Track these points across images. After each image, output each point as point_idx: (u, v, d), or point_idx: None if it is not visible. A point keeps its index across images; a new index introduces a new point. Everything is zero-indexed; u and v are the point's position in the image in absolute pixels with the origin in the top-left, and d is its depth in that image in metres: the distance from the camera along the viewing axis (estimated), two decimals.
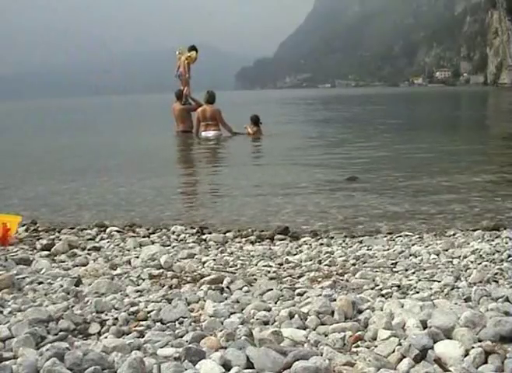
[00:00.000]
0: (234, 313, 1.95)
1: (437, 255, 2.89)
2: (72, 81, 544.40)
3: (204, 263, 2.82)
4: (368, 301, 2.04)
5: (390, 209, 4.50)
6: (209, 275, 2.45)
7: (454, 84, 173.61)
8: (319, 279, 2.43)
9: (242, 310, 1.99)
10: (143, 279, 2.48)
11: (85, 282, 2.38)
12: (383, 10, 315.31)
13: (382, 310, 1.89)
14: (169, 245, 3.31)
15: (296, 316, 1.85)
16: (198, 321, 1.89)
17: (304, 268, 2.70)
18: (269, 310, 1.96)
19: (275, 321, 1.85)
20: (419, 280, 2.40)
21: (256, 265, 2.80)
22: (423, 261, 2.78)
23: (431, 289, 2.24)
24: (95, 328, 1.85)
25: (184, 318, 1.91)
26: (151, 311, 1.98)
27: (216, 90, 12.03)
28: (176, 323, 1.88)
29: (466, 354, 1.51)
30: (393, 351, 1.54)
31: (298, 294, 2.18)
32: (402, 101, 40.94)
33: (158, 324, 1.87)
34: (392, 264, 2.73)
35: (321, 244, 3.34)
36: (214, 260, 2.88)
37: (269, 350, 1.49)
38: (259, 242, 3.45)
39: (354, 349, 1.62)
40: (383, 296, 2.16)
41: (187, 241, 3.46)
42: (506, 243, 3.07)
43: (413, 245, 3.22)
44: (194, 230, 3.74)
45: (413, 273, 2.55)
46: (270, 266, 2.77)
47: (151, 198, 5.24)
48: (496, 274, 2.43)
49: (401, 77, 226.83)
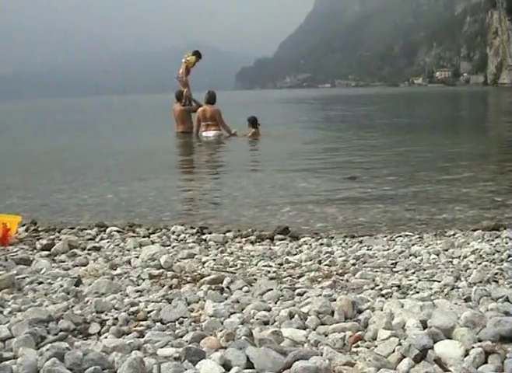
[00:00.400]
0: (234, 313, 1.94)
1: (437, 255, 2.89)
2: (72, 81, 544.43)
3: (204, 263, 2.81)
4: (368, 301, 2.04)
5: (390, 209, 4.50)
6: (209, 275, 2.45)
7: (454, 84, 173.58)
8: (319, 279, 2.43)
9: (242, 310, 1.99)
10: (143, 279, 2.48)
11: (85, 282, 2.38)
12: (383, 10, 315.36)
13: (382, 310, 1.89)
14: (169, 245, 3.31)
15: (296, 316, 1.85)
16: (198, 321, 1.89)
17: (304, 268, 2.70)
18: (269, 310, 1.96)
19: (275, 321, 1.85)
20: (419, 280, 2.40)
21: (256, 265, 2.80)
22: (423, 261, 2.78)
23: (431, 289, 2.24)
24: (95, 328, 1.84)
25: (184, 318, 1.91)
26: (151, 311, 1.98)
27: (216, 90, 12.03)
28: (176, 323, 1.88)
29: (466, 354, 1.51)
30: (393, 351, 1.54)
31: (298, 294, 2.18)
32: (402, 101, 40.95)
33: (158, 324, 1.87)
34: (392, 264, 2.73)
35: (321, 244, 3.33)
36: (214, 260, 2.87)
37: (269, 350, 1.49)
38: (259, 242, 3.45)
39: (354, 349, 1.62)
40: (383, 296, 2.16)
41: (187, 241, 3.46)
42: (506, 243, 3.07)
43: (413, 245, 3.22)
44: (194, 230, 3.74)
45: (413, 273, 2.55)
46: (270, 266, 2.77)
47: (151, 198, 5.24)
48: (496, 274, 2.43)
49: (401, 77, 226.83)
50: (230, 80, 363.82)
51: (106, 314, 1.96)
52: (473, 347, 1.54)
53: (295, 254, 3.08)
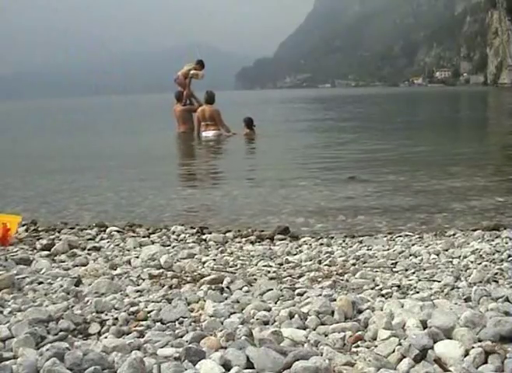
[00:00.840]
0: (234, 313, 1.94)
1: (437, 255, 2.89)
2: (72, 81, 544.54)
3: (204, 263, 2.81)
4: (368, 301, 2.04)
5: (390, 209, 4.50)
6: (209, 275, 2.45)
7: (454, 84, 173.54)
8: (319, 279, 2.43)
9: (242, 310, 1.99)
10: (143, 279, 2.48)
11: (85, 282, 2.38)
12: (383, 10, 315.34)
13: (382, 310, 1.89)
14: (169, 245, 3.31)
15: (296, 316, 1.85)
16: (198, 321, 1.89)
17: (304, 268, 2.70)
18: (269, 310, 1.96)
19: (275, 321, 1.85)
20: (419, 280, 2.40)
21: (256, 265, 2.80)
22: (423, 261, 2.78)
23: (431, 289, 2.24)
24: (95, 328, 1.84)
25: (184, 318, 1.91)
26: (151, 311, 1.97)
27: (216, 90, 12.04)
28: (176, 323, 1.88)
29: (466, 354, 1.51)
30: (393, 351, 1.54)
31: (298, 294, 2.17)
32: (402, 101, 40.94)
33: (158, 324, 1.87)
34: (392, 264, 2.73)
35: (321, 244, 3.33)
36: (214, 260, 2.87)
37: (269, 350, 1.49)
38: (259, 242, 3.45)
39: (354, 349, 1.62)
40: (383, 296, 2.16)
41: (187, 241, 3.46)
42: (506, 243, 3.07)
43: (413, 245, 3.22)
44: (194, 230, 3.74)
45: (413, 273, 2.55)
46: (270, 266, 2.77)
47: (151, 198, 5.24)
48: (496, 274, 2.43)
49: (401, 77, 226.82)
50: (230, 80, 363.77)
51: (106, 314, 1.96)
52: (473, 347, 1.54)
53: (295, 254, 3.08)
